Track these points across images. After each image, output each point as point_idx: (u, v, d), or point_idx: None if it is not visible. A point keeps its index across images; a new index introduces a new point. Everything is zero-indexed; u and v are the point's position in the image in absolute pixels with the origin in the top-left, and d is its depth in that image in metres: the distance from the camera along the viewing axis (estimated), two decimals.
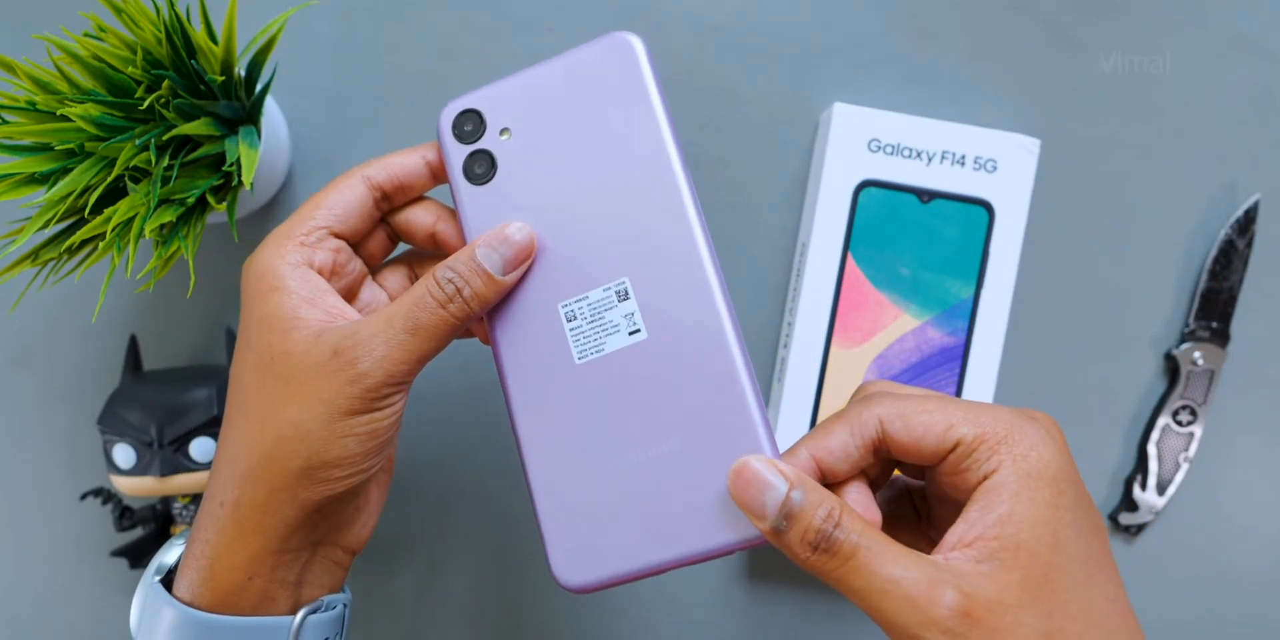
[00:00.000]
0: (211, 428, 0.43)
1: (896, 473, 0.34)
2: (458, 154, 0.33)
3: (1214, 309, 0.48)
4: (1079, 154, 0.48)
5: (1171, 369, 0.48)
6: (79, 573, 0.48)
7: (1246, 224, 0.48)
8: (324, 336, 0.31)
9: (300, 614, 0.32)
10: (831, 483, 0.30)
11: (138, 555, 0.45)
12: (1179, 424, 0.48)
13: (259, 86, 0.38)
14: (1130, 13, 0.48)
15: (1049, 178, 0.48)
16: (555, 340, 0.32)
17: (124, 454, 0.43)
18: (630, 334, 0.31)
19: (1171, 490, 0.47)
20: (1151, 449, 0.48)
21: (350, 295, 0.35)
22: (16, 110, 0.35)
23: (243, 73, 0.38)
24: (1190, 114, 0.49)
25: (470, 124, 0.33)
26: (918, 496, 0.34)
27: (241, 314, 0.33)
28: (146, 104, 0.35)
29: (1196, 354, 0.47)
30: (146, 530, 0.46)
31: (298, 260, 0.32)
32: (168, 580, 0.33)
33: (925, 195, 0.45)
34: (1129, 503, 0.48)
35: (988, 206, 0.45)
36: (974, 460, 0.28)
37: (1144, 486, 0.48)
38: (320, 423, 0.30)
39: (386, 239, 0.36)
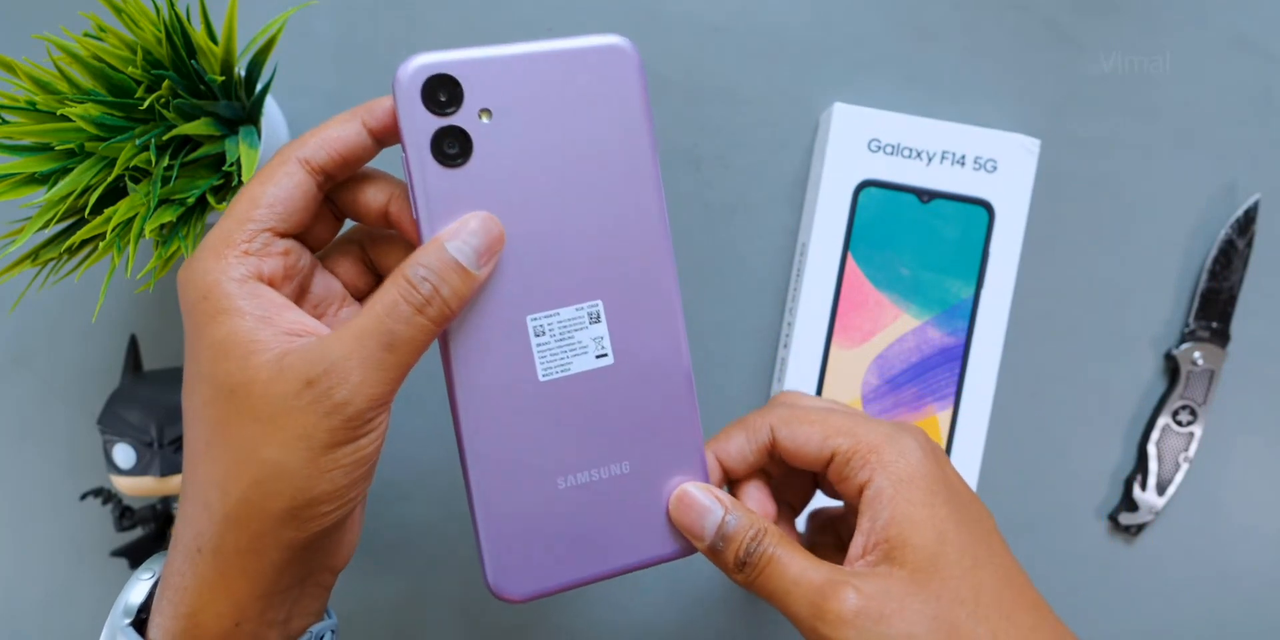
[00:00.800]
0: None
1: (830, 505, 0.37)
2: (426, 124, 0.29)
3: (1214, 309, 0.48)
4: (1079, 154, 0.48)
5: (1171, 369, 0.48)
6: (79, 573, 0.48)
7: (1246, 224, 0.48)
8: (289, 361, 0.27)
9: None
10: (732, 480, 0.34)
11: (138, 555, 0.45)
12: (1179, 424, 0.48)
13: (259, 86, 0.38)
14: (1130, 13, 0.48)
15: (1049, 178, 0.48)
16: (520, 353, 0.30)
17: (124, 454, 0.43)
18: (597, 357, 0.31)
19: (1171, 490, 0.47)
20: (1151, 449, 0.48)
21: (303, 292, 0.31)
22: (16, 110, 0.35)
23: (243, 73, 0.38)
24: (1190, 114, 0.49)
25: (445, 93, 0.29)
26: (841, 525, 0.36)
27: (187, 339, 0.29)
28: (146, 104, 0.35)
29: (1196, 354, 0.47)
30: (146, 530, 0.46)
31: (244, 274, 0.28)
32: (138, 621, 0.31)
33: (925, 195, 0.45)
34: (1129, 503, 0.48)
35: (988, 206, 0.45)
36: (850, 469, 0.31)
37: (1144, 486, 0.47)
38: (302, 461, 0.27)
39: (333, 218, 0.32)
